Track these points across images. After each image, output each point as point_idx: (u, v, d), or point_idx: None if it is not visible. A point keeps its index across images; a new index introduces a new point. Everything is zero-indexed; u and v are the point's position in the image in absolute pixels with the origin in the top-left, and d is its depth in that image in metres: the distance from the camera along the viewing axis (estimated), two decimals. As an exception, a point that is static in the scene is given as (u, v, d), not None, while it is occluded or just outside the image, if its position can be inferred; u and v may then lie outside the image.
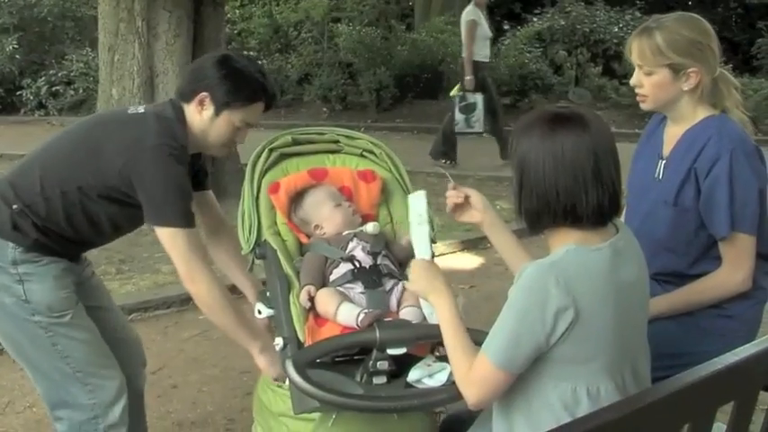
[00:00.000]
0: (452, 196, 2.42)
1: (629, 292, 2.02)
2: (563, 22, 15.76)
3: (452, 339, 2.11)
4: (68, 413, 2.88)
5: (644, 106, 2.69)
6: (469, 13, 10.02)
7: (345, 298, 2.51)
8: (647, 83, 2.61)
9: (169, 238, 2.66)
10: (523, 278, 1.95)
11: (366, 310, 2.42)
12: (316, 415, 2.43)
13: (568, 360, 1.97)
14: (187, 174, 2.74)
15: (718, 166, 2.51)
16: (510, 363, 1.95)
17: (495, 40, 15.37)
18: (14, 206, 2.72)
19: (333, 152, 3.01)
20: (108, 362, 2.92)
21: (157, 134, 2.69)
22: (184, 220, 2.67)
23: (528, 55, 14.32)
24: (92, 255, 3.09)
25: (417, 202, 2.36)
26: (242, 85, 2.74)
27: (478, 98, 9.83)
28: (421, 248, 2.31)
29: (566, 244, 1.99)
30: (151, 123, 2.73)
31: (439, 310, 2.18)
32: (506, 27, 16.05)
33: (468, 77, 9.82)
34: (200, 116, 2.77)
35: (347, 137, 3.01)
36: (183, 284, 2.72)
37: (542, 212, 2.01)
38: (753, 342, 2.19)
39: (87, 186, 2.72)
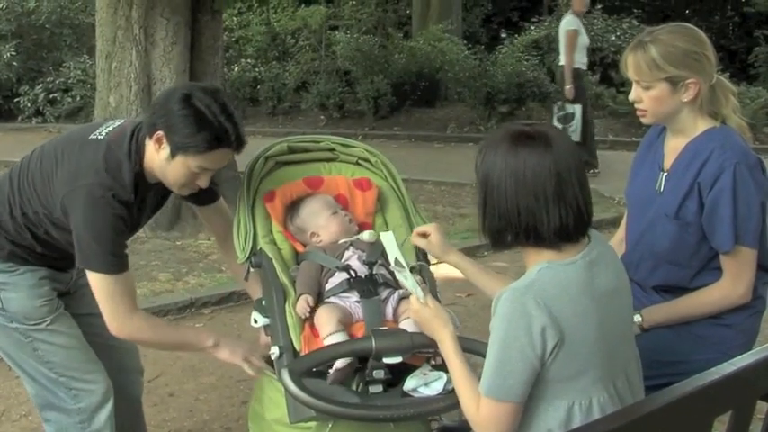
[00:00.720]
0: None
1: (609, 301, 2.02)
2: (560, 31, 15.76)
3: (457, 380, 2.11)
4: (55, 415, 2.91)
5: (645, 120, 2.67)
6: (569, 22, 9.93)
7: (340, 323, 2.46)
8: (645, 97, 2.59)
9: (95, 282, 2.64)
10: (501, 306, 1.95)
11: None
12: (312, 423, 2.41)
13: (560, 378, 1.97)
14: (124, 214, 2.62)
15: (722, 180, 2.50)
16: (510, 393, 1.94)
17: (492, 49, 15.42)
18: None
19: (328, 160, 3.00)
20: (92, 367, 2.92)
21: (95, 172, 2.57)
22: (111, 267, 2.61)
23: (525, 63, 14.29)
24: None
25: (389, 245, 2.34)
26: (201, 131, 2.49)
27: (577, 108, 9.75)
28: (411, 291, 2.30)
29: (538, 262, 1.99)
30: (98, 156, 2.61)
31: (441, 351, 2.19)
32: (504, 35, 16.05)
33: (568, 87, 9.74)
34: (158, 155, 2.59)
35: (343, 145, 3.00)
36: (109, 328, 2.70)
37: (503, 231, 2.02)
38: (751, 351, 2.19)
39: (41, 213, 2.72)
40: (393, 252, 2.31)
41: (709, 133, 2.60)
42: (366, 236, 2.67)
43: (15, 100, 15.27)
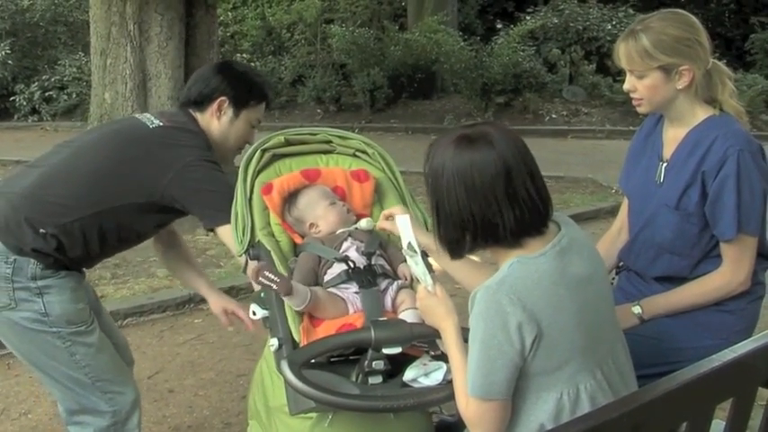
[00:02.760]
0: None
1: (584, 287, 2.01)
2: (556, 20, 15.74)
3: (455, 372, 2.10)
4: (90, 419, 2.92)
5: (641, 110, 2.66)
6: None
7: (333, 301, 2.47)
8: (640, 86, 2.58)
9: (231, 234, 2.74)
10: (477, 305, 1.95)
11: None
12: (312, 414, 2.40)
13: (544, 371, 1.97)
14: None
15: (727, 168, 2.49)
16: (494, 390, 1.95)
17: (488, 39, 15.41)
18: (41, 230, 2.73)
19: (325, 152, 2.98)
20: (123, 370, 2.99)
21: (193, 148, 2.83)
22: None
23: (521, 53, 14.23)
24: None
25: (404, 228, 2.32)
26: (254, 86, 2.99)
27: None
28: (421, 278, 2.29)
29: (508, 258, 1.99)
30: (181, 137, 2.85)
31: (444, 341, 2.18)
32: (499, 26, 16.01)
33: None
34: (219, 121, 2.96)
35: (340, 137, 2.98)
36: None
37: (461, 239, 2.02)
38: (751, 338, 2.19)
39: (122, 207, 2.79)
40: (407, 236, 2.29)
41: (709, 121, 2.59)
42: (364, 224, 2.66)
43: (11, 98, 15.28)
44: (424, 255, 2.34)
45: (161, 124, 2.89)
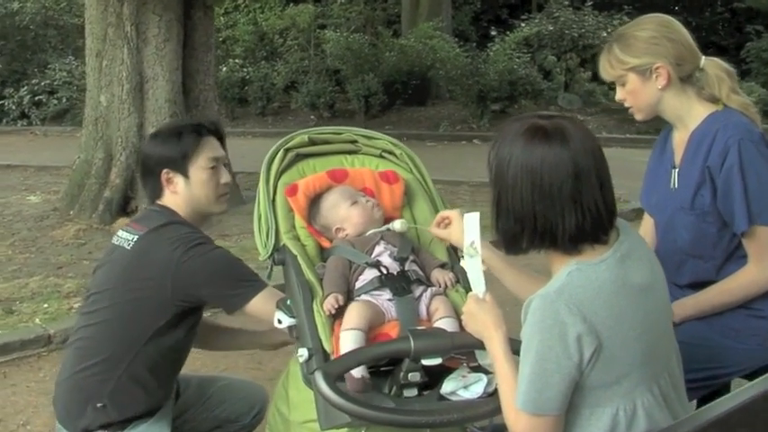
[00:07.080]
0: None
1: (645, 297, 1.91)
2: (551, 28, 15.73)
3: (502, 384, 1.99)
4: None
5: (638, 117, 2.68)
6: None
7: (367, 323, 2.32)
8: (626, 94, 2.60)
9: (261, 306, 2.62)
10: (532, 314, 1.84)
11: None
12: (344, 429, 2.25)
13: (601, 385, 1.87)
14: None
15: (729, 159, 2.46)
16: (548, 405, 1.84)
17: (483, 46, 15.38)
18: (98, 404, 2.66)
19: (350, 153, 2.86)
20: None
21: (175, 241, 2.64)
22: (258, 282, 2.66)
23: (517, 60, 14.26)
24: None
25: (471, 227, 2.20)
26: (180, 134, 2.77)
27: None
28: (474, 282, 2.18)
29: (567, 264, 1.89)
30: (157, 239, 2.67)
31: (490, 351, 2.06)
32: (494, 33, 15.98)
33: None
34: (178, 193, 2.77)
35: (365, 137, 2.87)
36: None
37: (519, 235, 1.91)
38: None
39: (151, 339, 2.66)
40: (472, 235, 2.17)
41: (710, 118, 2.57)
42: (398, 225, 2.53)
43: (0, 102, 15.12)
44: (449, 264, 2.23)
45: (137, 237, 2.71)
